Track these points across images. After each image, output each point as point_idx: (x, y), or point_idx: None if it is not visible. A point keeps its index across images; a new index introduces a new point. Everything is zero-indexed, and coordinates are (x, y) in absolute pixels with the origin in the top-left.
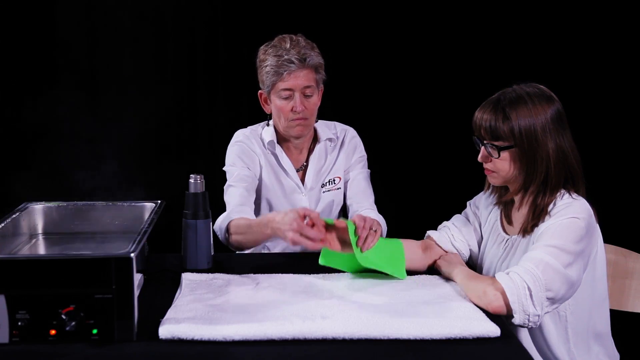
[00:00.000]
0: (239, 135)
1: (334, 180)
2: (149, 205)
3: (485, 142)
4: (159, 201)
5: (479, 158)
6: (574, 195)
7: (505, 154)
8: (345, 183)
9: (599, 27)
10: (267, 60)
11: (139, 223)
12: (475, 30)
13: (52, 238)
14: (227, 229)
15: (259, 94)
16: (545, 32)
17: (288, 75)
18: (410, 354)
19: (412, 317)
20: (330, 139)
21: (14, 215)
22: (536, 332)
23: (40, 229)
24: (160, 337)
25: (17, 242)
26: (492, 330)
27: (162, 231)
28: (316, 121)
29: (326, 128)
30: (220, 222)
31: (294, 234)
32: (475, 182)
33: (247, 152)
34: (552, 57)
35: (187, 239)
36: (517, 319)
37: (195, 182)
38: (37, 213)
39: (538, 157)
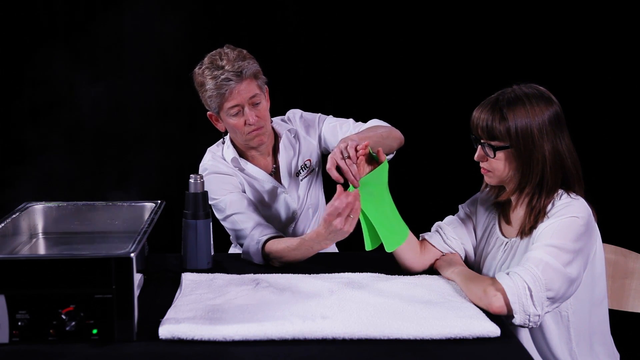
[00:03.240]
0: (206, 166)
1: (305, 165)
2: (149, 205)
3: (482, 141)
4: (159, 201)
5: (476, 157)
6: (573, 195)
7: (500, 154)
8: (325, 150)
9: (599, 27)
10: (205, 84)
11: (139, 223)
12: (475, 30)
13: (52, 238)
14: (266, 255)
15: (208, 115)
16: (545, 32)
17: (230, 94)
18: (410, 354)
19: (412, 317)
20: (289, 130)
21: (14, 215)
22: (537, 332)
23: (40, 229)
24: (160, 337)
25: (17, 242)
26: (492, 330)
27: (162, 231)
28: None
29: (280, 121)
30: (249, 249)
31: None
32: (473, 181)
33: (222, 179)
34: (552, 57)
35: (187, 239)
36: (517, 319)
37: (195, 182)
38: (37, 213)
39: (534, 159)
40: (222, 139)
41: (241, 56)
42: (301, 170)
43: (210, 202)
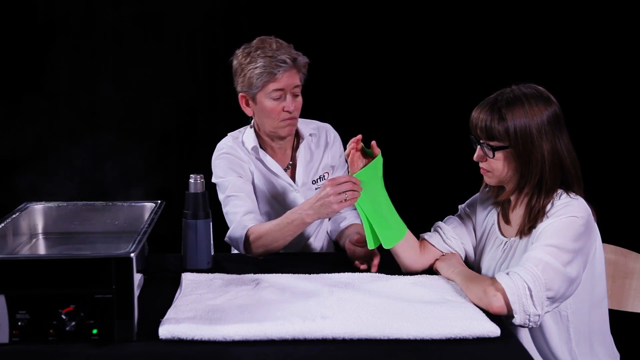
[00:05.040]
0: (223, 146)
1: (323, 176)
2: (149, 205)
3: (481, 141)
4: (159, 201)
5: (475, 157)
6: (572, 194)
7: (499, 154)
8: None
9: (599, 27)
10: (256, 61)
11: (139, 223)
12: (475, 30)
13: (52, 238)
14: (247, 239)
15: (240, 96)
16: (545, 32)
17: (281, 75)
18: (410, 354)
19: (412, 317)
20: (311, 134)
21: (14, 215)
22: (537, 332)
23: (40, 229)
24: (160, 337)
25: (17, 242)
26: (492, 330)
27: (162, 231)
28: None
29: (304, 124)
30: (234, 233)
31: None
32: (473, 181)
33: (236, 162)
34: (551, 57)
35: (187, 239)
36: (517, 319)
37: (195, 182)
38: (37, 213)
39: (533, 159)
40: (249, 125)
41: (292, 47)
42: (319, 180)
43: (215, 180)
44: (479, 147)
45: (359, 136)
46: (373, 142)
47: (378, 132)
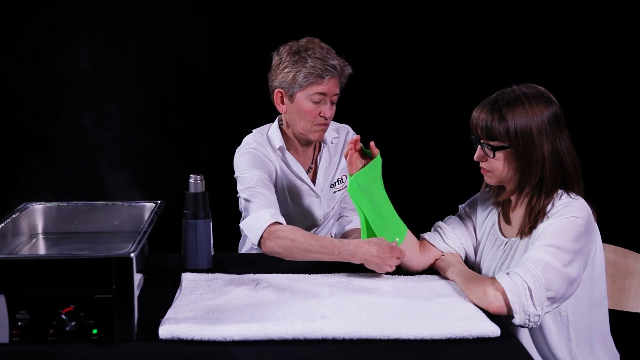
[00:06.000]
0: (251, 142)
1: (341, 179)
2: (149, 205)
3: (481, 141)
4: (159, 201)
5: (475, 157)
6: (572, 195)
7: (500, 154)
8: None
9: (599, 27)
10: (306, 60)
11: (139, 223)
12: (475, 30)
13: (52, 238)
14: (269, 234)
15: (276, 91)
16: (545, 32)
17: (328, 80)
18: (410, 354)
19: (412, 317)
20: (333, 139)
21: (14, 215)
22: (537, 332)
23: (40, 229)
24: (160, 337)
25: (17, 242)
26: (492, 330)
27: (162, 231)
28: None
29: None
30: (255, 221)
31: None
32: (473, 181)
33: (262, 159)
34: (552, 57)
35: (187, 239)
36: (517, 319)
37: (195, 182)
38: (37, 213)
39: (533, 159)
40: (278, 121)
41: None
42: (337, 183)
43: (238, 174)
44: (479, 147)
45: (358, 137)
46: (372, 143)
47: (378, 132)
